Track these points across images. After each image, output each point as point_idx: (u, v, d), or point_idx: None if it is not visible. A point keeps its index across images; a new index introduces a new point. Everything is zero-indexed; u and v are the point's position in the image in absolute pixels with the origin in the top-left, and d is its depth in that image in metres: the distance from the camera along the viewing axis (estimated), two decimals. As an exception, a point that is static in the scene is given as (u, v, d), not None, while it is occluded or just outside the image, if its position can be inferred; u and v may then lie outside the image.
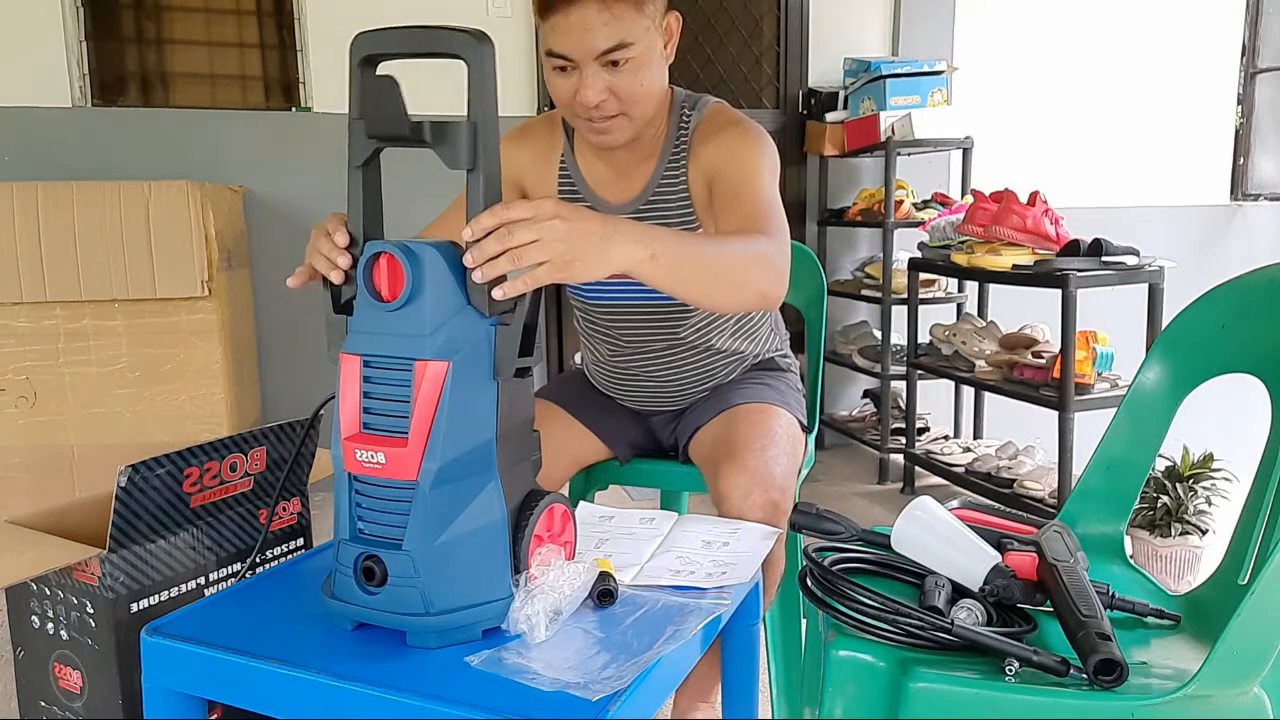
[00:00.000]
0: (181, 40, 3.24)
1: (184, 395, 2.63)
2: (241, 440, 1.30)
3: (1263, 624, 0.85)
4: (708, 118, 1.42)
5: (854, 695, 0.95)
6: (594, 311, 1.56)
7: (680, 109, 1.43)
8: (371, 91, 0.87)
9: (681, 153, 1.42)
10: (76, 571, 1.20)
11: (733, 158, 1.34)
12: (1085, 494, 1.26)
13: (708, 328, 1.54)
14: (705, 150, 1.38)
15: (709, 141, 1.38)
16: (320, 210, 3.05)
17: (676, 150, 1.42)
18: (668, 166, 1.42)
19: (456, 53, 0.83)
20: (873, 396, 3.68)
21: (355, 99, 0.88)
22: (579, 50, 1.23)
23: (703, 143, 1.39)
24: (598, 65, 1.24)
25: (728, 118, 1.41)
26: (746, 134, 1.37)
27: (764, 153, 1.35)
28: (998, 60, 3.80)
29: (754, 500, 1.29)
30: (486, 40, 0.84)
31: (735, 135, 1.37)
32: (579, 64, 1.24)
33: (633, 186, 1.45)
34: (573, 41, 1.22)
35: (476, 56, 0.83)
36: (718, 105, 1.44)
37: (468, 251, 0.84)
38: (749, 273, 1.14)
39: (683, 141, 1.42)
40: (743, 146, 1.35)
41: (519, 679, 0.77)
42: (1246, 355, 1.16)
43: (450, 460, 0.81)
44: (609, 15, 1.20)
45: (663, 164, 1.43)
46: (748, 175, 1.32)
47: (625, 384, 1.61)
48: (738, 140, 1.36)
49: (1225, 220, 4.19)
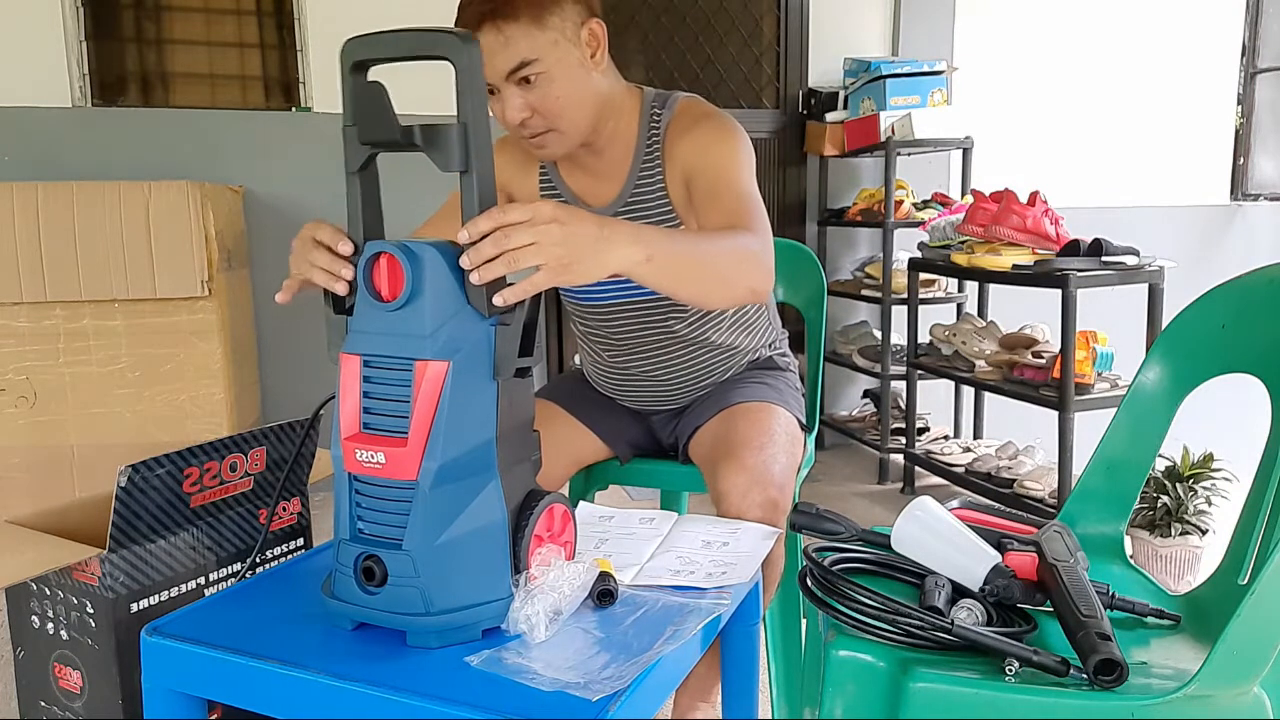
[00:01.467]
0: (181, 40, 3.24)
1: (184, 395, 2.63)
2: (241, 440, 1.30)
3: (1263, 624, 0.85)
4: (678, 114, 1.42)
5: (854, 695, 0.95)
6: (589, 313, 1.56)
7: (650, 109, 1.43)
8: (361, 98, 0.87)
9: (655, 152, 1.42)
10: (76, 571, 1.20)
11: (709, 154, 1.35)
12: (1085, 494, 1.26)
13: (701, 323, 1.54)
14: (680, 148, 1.39)
15: (683, 138, 1.39)
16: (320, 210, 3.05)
17: (650, 150, 1.43)
18: (643, 166, 1.43)
19: (444, 55, 0.83)
20: (873, 396, 3.68)
21: (347, 106, 0.88)
22: (489, 74, 1.25)
23: (676, 140, 1.39)
24: (511, 85, 1.27)
25: (699, 113, 1.41)
26: (720, 129, 1.38)
27: (739, 146, 1.36)
28: (998, 60, 3.80)
29: (753, 498, 1.29)
30: (473, 42, 0.84)
31: (709, 131, 1.37)
32: (496, 86, 1.28)
33: (611, 189, 1.45)
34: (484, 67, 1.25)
35: (464, 58, 0.83)
36: (687, 100, 1.44)
37: (464, 254, 0.84)
38: (739, 268, 1.16)
39: (655, 140, 1.42)
40: (718, 142, 1.36)
41: (519, 679, 0.77)
42: (1246, 355, 1.16)
43: (450, 460, 0.81)
44: (503, 38, 1.23)
45: (637, 164, 1.43)
46: (725, 170, 1.32)
47: (624, 384, 1.61)
48: (712, 136, 1.37)
49: (1225, 220, 4.19)
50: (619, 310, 1.52)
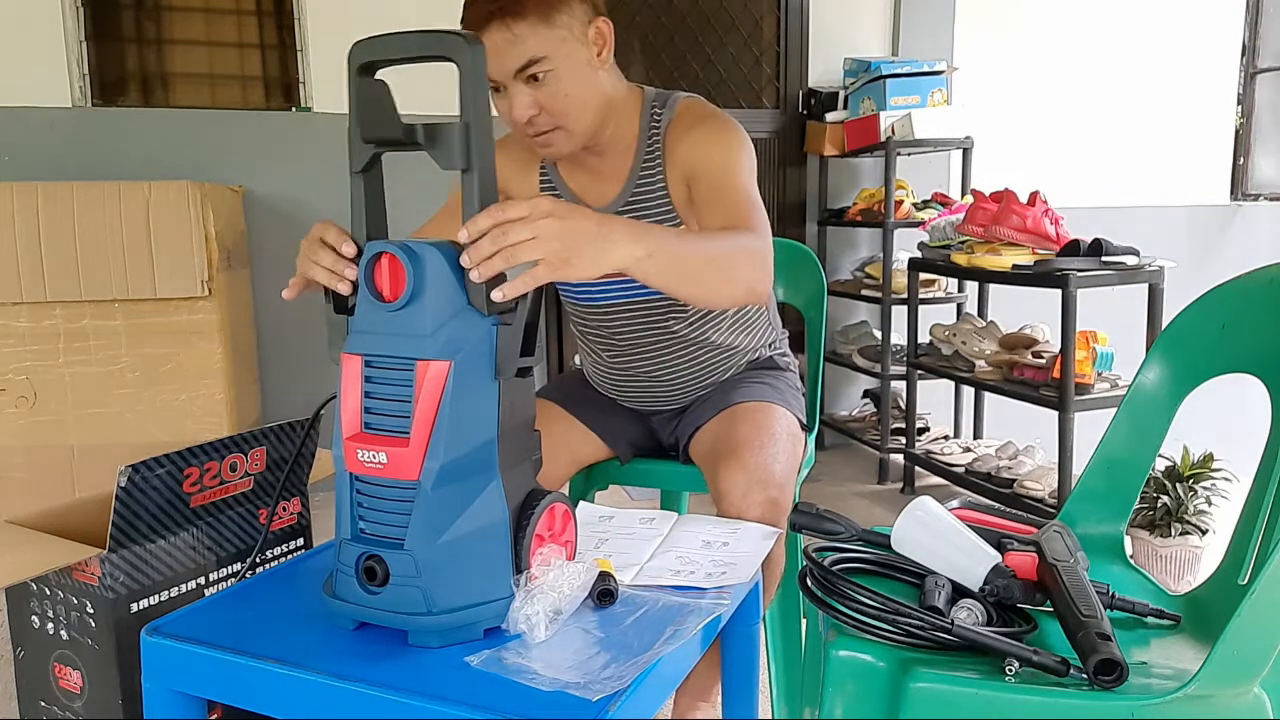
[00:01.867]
0: (181, 40, 3.24)
1: (184, 395, 2.63)
2: (241, 440, 1.30)
3: (1263, 624, 0.85)
4: (679, 114, 1.42)
5: (854, 695, 0.95)
6: (588, 313, 1.56)
7: (651, 108, 1.43)
8: (365, 97, 0.87)
9: (656, 152, 1.42)
10: (76, 571, 1.20)
11: (710, 155, 1.35)
12: (1085, 494, 1.26)
13: (702, 322, 1.54)
14: (681, 148, 1.39)
15: (684, 139, 1.39)
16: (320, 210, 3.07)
17: (650, 149, 1.42)
18: (643, 166, 1.43)
19: (449, 55, 0.84)
20: (873, 396, 3.68)
21: (352, 106, 0.88)
22: (496, 72, 1.25)
23: (678, 141, 1.39)
24: (519, 83, 1.27)
25: (700, 113, 1.41)
26: (721, 129, 1.38)
27: (740, 146, 1.36)
28: (998, 60, 3.80)
29: (753, 498, 1.29)
30: (477, 42, 0.84)
31: (710, 131, 1.37)
32: (503, 84, 1.27)
33: (611, 189, 1.45)
34: (490, 64, 1.23)
35: (467, 58, 0.83)
36: (688, 100, 1.44)
37: (464, 252, 0.85)
38: (739, 268, 1.17)
39: (655, 140, 1.42)
40: (719, 143, 1.36)
41: (519, 679, 0.77)
42: (1246, 355, 1.16)
43: (452, 460, 0.82)
44: (512, 35, 1.23)
45: (638, 164, 1.43)
46: (726, 171, 1.33)
47: (624, 384, 1.61)
48: (713, 136, 1.37)
49: (1225, 220, 4.19)
50: (618, 310, 1.52)
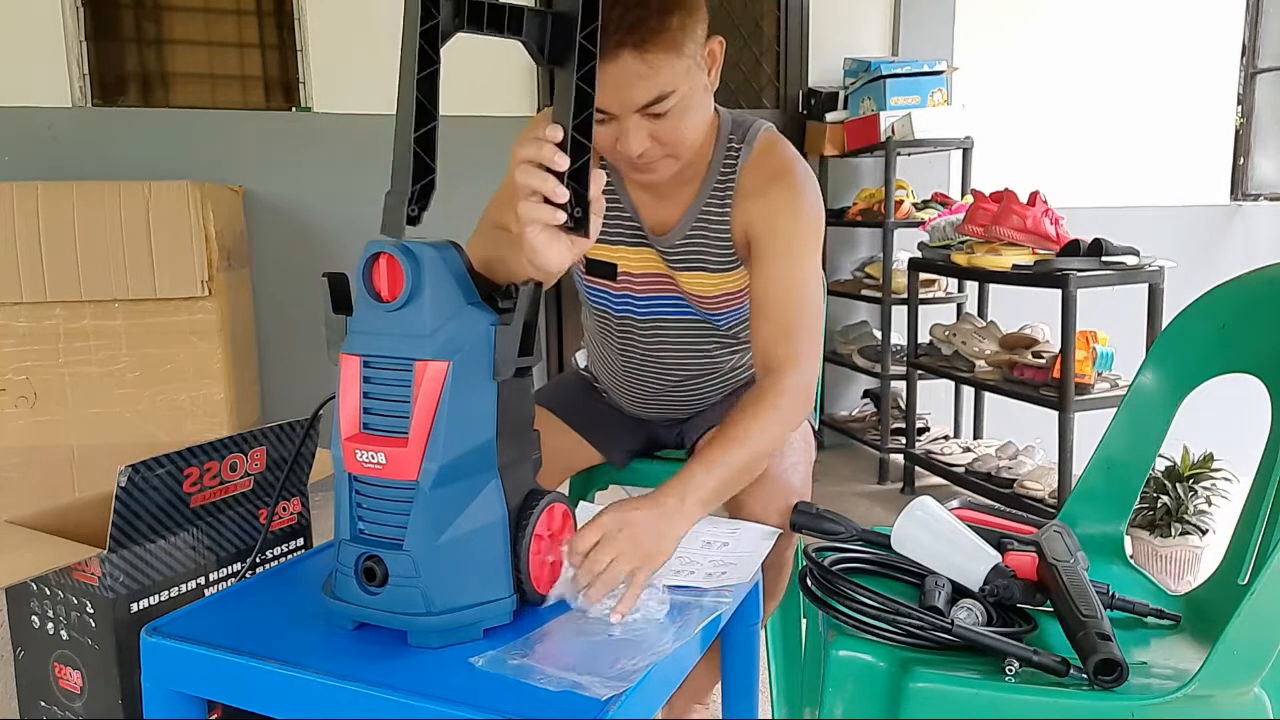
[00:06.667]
0: (181, 40, 3.24)
1: (184, 395, 2.63)
2: (241, 440, 1.30)
3: (1263, 624, 0.85)
4: (756, 156, 1.30)
5: (854, 695, 0.95)
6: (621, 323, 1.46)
7: (729, 139, 1.31)
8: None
9: (728, 190, 1.31)
10: (76, 571, 1.20)
11: (779, 228, 1.26)
12: (1085, 494, 1.26)
13: (744, 350, 1.49)
14: (751, 204, 1.29)
15: (757, 197, 1.28)
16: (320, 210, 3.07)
17: (722, 184, 1.31)
18: (710, 199, 1.32)
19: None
20: (873, 396, 3.68)
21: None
22: (617, 105, 1.13)
23: (749, 194, 1.29)
24: (639, 116, 1.14)
25: (778, 165, 1.29)
26: (796, 199, 1.27)
27: (810, 223, 1.29)
28: (998, 60, 3.79)
29: (774, 507, 1.27)
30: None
31: (784, 201, 1.27)
32: (614, 115, 1.14)
33: (672, 215, 1.34)
34: (608, 96, 1.11)
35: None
36: (767, 138, 1.32)
37: (574, 595, 0.92)
38: (778, 438, 1.21)
39: (729, 176, 1.31)
40: (792, 215, 1.27)
41: (521, 679, 0.77)
42: (1246, 355, 1.16)
43: (451, 460, 0.82)
44: (647, 69, 1.10)
45: (705, 194, 1.32)
46: (791, 257, 1.26)
47: (636, 395, 1.54)
48: (787, 208, 1.27)
49: (1225, 220, 4.19)
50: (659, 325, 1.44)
